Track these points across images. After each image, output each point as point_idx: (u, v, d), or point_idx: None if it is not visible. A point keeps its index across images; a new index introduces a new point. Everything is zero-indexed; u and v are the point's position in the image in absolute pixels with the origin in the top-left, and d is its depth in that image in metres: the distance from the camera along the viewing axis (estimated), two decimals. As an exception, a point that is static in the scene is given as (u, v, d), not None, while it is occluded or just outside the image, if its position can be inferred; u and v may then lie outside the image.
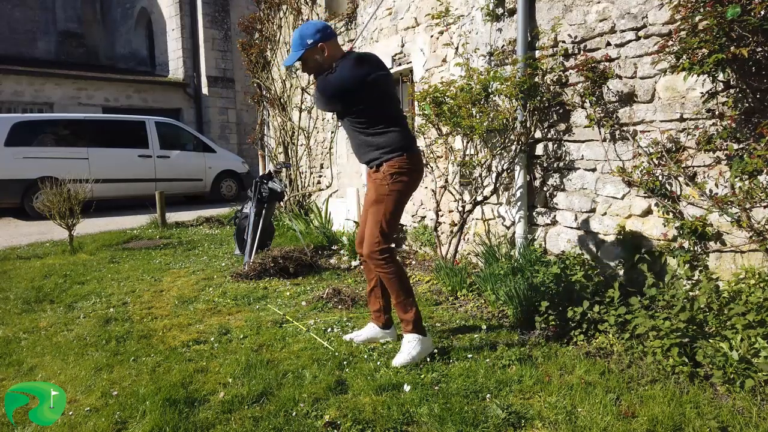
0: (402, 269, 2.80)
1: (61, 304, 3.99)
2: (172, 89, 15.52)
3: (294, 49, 2.77)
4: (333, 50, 2.76)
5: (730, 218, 2.75)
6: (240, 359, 2.78)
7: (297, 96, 7.30)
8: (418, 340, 2.74)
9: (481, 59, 4.43)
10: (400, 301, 2.78)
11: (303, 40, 2.72)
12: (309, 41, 2.71)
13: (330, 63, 2.74)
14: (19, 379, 2.70)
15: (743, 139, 2.73)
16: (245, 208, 5.48)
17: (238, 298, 3.99)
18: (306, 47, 2.72)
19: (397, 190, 2.72)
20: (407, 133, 2.81)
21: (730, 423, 2.08)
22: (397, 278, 2.75)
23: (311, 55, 2.75)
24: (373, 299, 3.01)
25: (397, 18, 5.72)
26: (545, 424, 2.13)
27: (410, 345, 2.73)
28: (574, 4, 3.62)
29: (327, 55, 2.74)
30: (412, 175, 2.78)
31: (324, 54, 2.73)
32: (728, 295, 2.65)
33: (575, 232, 3.77)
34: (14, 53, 15.35)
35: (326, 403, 2.33)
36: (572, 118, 3.73)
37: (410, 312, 2.76)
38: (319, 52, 2.73)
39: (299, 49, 2.74)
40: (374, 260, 2.75)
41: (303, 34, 2.73)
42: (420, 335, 2.76)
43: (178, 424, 2.17)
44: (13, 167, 8.76)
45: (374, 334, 3.02)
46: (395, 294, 2.78)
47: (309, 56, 2.76)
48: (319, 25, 2.78)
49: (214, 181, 11.29)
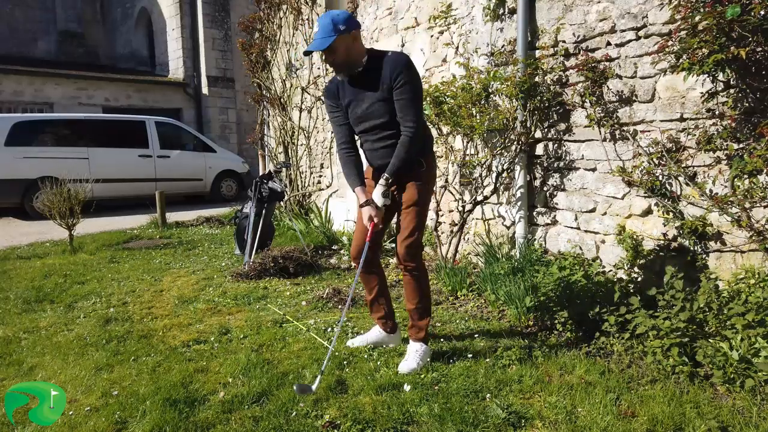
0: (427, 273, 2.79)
1: (61, 303, 3.99)
2: (172, 89, 15.53)
3: (323, 34, 2.45)
4: (361, 42, 2.57)
5: (730, 218, 2.75)
6: (240, 359, 2.78)
7: (297, 96, 7.30)
8: (425, 349, 2.72)
9: (481, 59, 4.43)
10: (422, 306, 2.73)
11: (335, 26, 2.44)
12: (342, 27, 2.44)
13: (358, 57, 2.54)
14: (19, 379, 2.70)
15: (743, 138, 2.73)
16: (245, 208, 5.48)
17: (238, 297, 3.99)
18: (340, 33, 2.44)
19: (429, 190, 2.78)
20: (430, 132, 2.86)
21: (730, 423, 2.08)
22: (425, 280, 2.74)
23: (343, 43, 2.47)
24: (376, 306, 2.92)
25: (397, 18, 5.72)
26: (545, 423, 2.13)
27: (417, 354, 2.68)
28: (575, 4, 3.62)
29: (357, 46, 2.53)
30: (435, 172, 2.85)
31: (354, 44, 2.52)
32: (728, 294, 2.64)
33: (575, 231, 3.77)
34: (14, 53, 15.34)
35: (326, 403, 2.32)
36: (572, 117, 3.73)
37: (426, 319, 2.74)
38: (350, 41, 2.49)
39: (330, 34, 2.43)
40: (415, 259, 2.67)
41: (335, 20, 2.45)
42: (425, 344, 2.74)
43: (178, 423, 2.17)
44: (13, 167, 8.76)
45: (381, 338, 2.97)
46: (418, 298, 2.71)
47: (340, 44, 2.47)
48: (347, 13, 2.56)
49: (214, 181, 11.29)
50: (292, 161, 7.36)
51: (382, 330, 2.96)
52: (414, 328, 2.75)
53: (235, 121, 16.13)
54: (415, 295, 2.72)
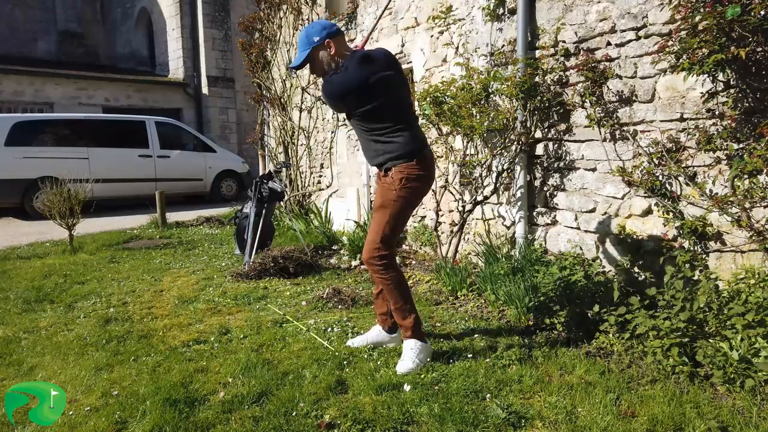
0: (401, 276, 2.73)
1: (61, 303, 3.99)
2: (172, 89, 15.52)
3: (301, 48, 2.68)
4: (340, 48, 2.66)
5: (730, 218, 2.75)
6: (240, 359, 2.78)
7: (297, 96, 7.30)
8: (420, 346, 2.70)
9: (481, 59, 4.43)
10: (398, 307, 2.72)
11: (309, 39, 2.64)
12: (315, 38, 2.63)
13: (338, 62, 2.65)
14: (19, 379, 2.70)
15: (743, 138, 2.73)
16: (245, 208, 5.48)
17: (238, 297, 3.99)
18: (312, 45, 2.63)
19: (404, 197, 2.63)
20: (417, 135, 2.68)
21: (730, 423, 2.08)
22: (394, 285, 2.69)
23: (318, 54, 2.66)
24: (380, 302, 2.93)
25: (397, 18, 5.72)
26: (545, 423, 2.13)
27: (412, 352, 2.67)
28: (575, 4, 3.62)
29: (334, 52, 2.64)
30: (422, 180, 2.66)
31: (331, 51, 2.64)
32: (728, 294, 2.65)
33: (575, 231, 3.77)
34: (14, 53, 15.34)
35: (326, 403, 2.33)
36: (572, 118, 3.73)
37: (409, 318, 2.72)
38: (325, 50, 2.64)
39: (306, 47, 2.65)
40: (372, 266, 2.68)
41: (309, 33, 2.65)
42: (420, 341, 2.71)
43: (178, 423, 2.17)
44: (13, 167, 8.76)
45: (380, 338, 2.97)
46: (393, 300, 2.72)
47: (316, 55, 2.66)
48: (326, 23, 2.70)
49: (214, 181, 11.29)
50: (292, 161, 7.36)
51: (382, 329, 2.97)
52: (401, 328, 2.77)
53: (235, 121, 16.13)
54: (390, 298, 2.74)
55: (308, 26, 2.71)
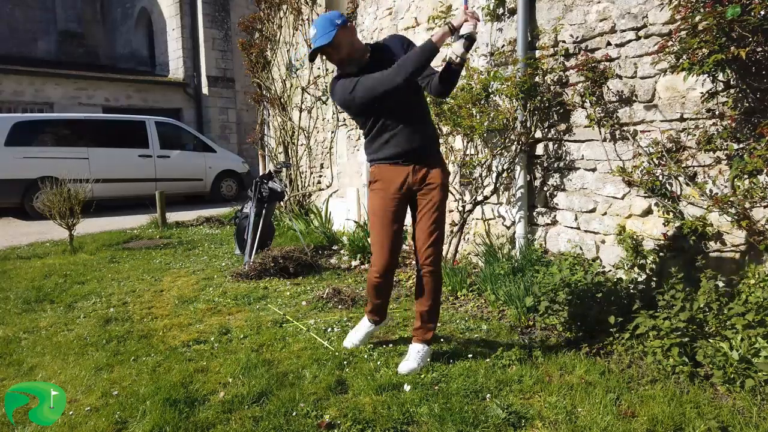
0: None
1: (61, 303, 3.99)
2: (172, 89, 15.52)
3: (323, 32, 2.45)
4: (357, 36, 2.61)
5: (730, 218, 2.75)
6: (240, 359, 2.78)
7: (297, 96, 7.30)
8: (427, 350, 2.73)
9: (481, 59, 4.43)
10: (438, 308, 2.77)
11: (332, 21, 2.46)
12: (338, 21, 2.46)
13: (361, 51, 2.54)
14: (19, 379, 2.70)
15: (743, 138, 2.73)
16: (245, 208, 5.48)
17: (238, 297, 3.99)
18: (338, 26, 2.45)
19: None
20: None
21: (730, 423, 2.08)
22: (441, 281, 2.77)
23: (345, 37, 2.47)
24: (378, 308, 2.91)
25: (397, 18, 5.72)
26: (545, 423, 2.13)
27: (419, 354, 2.68)
28: (575, 4, 3.62)
29: (356, 38, 2.55)
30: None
31: (354, 36, 2.54)
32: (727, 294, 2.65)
33: (575, 231, 3.77)
34: (14, 53, 15.33)
35: (326, 403, 2.33)
36: (572, 118, 3.73)
37: (436, 321, 2.79)
38: (350, 34, 2.50)
39: (330, 29, 2.44)
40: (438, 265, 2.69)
41: (330, 17, 2.48)
42: (428, 346, 2.75)
43: (178, 423, 2.17)
44: (13, 167, 8.76)
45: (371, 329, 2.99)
46: (437, 300, 2.74)
47: (342, 38, 2.47)
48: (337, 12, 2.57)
49: (214, 181, 11.29)
50: (292, 161, 7.36)
51: (371, 322, 2.98)
52: (422, 329, 2.74)
53: (235, 121, 16.12)
54: (430, 297, 2.72)
55: (323, 14, 2.58)
